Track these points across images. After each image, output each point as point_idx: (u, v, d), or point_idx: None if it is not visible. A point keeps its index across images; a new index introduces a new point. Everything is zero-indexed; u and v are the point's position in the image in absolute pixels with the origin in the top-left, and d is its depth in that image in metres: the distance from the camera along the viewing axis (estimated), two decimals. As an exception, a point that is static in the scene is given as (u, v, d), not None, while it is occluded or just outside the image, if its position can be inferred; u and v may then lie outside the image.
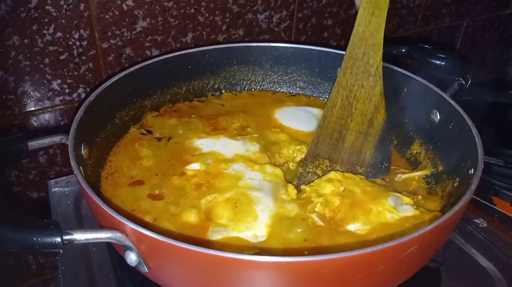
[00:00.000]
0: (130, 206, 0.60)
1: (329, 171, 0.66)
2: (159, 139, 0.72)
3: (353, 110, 0.68)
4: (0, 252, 0.85)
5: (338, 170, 0.67)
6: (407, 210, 0.59)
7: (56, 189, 0.78)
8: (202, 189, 0.61)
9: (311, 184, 0.63)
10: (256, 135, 0.73)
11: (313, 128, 0.76)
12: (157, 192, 0.62)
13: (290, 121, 0.78)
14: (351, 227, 0.57)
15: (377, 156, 0.69)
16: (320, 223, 0.58)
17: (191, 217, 0.57)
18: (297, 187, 0.64)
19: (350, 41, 0.67)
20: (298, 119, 0.78)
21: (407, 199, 0.61)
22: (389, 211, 0.58)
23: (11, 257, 0.86)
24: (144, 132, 0.74)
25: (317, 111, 0.80)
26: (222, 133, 0.72)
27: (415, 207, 0.60)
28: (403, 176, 0.69)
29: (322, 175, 0.65)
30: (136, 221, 0.45)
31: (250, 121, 0.77)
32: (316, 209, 0.59)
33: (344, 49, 0.80)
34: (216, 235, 0.55)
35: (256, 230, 0.56)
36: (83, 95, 0.80)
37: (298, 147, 0.71)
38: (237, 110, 0.80)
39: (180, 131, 0.73)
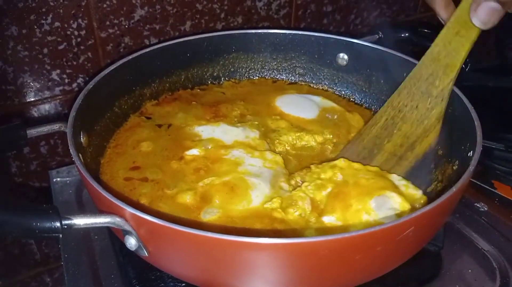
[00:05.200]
0: (127, 188, 0.60)
1: (339, 158, 0.63)
2: (159, 125, 0.72)
3: (394, 131, 0.63)
4: (5, 242, 0.86)
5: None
6: (391, 217, 0.53)
7: (57, 179, 0.78)
8: (200, 173, 0.62)
9: (319, 165, 0.62)
10: (256, 122, 0.73)
11: (314, 115, 0.75)
12: (154, 175, 0.62)
13: (290, 108, 0.77)
14: (326, 219, 0.55)
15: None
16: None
17: (187, 199, 0.58)
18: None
19: (419, 62, 0.63)
20: (299, 106, 0.78)
21: (403, 204, 0.54)
22: (366, 212, 0.54)
23: (16, 246, 0.87)
24: (144, 119, 0.74)
25: (319, 99, 0.80)
26: (222, 120, 0.72)
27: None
28: None
29: None
30: (135, 205, 0.45)
31: (250, 109, 0.77)
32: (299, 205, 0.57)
33: (344, 35, 0.81)
34: (207, 216, 0.56)
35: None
36: (82, 85, 0.81)
37: (298, 134, 0.71)
38: (238, 98, 0.80)
39: (180, 118, 0.73)
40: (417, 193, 0.58)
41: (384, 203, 0.55)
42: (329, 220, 0.55)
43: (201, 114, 0.74)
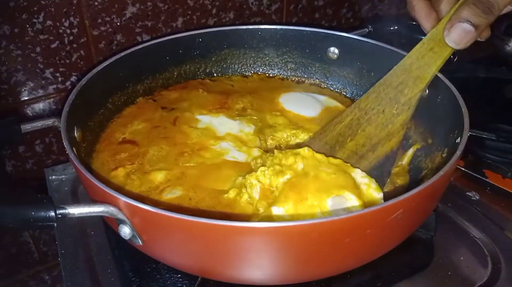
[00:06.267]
0: (115, 155, 0.64)
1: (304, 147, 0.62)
2: (163, 107, 0.74)
3: (358, 131, 0.64)
4: (2, 241, 0.86)
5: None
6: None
7: (53, 176, 0.79)
8: (184, 156, 0.64)
9: (283, 151, 0.61)
10: (255, 117, 0.73)
11: (315, 114, 0.75)
12: (143, 149, 0.65)
13: (292, 105, 0.77)
14: (275, 210, 0.53)
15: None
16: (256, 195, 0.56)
17: (158, 177, 0.61)
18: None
19: (391, 71, 0.65)
20: (301, 104, 0.78)
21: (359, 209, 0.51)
22: (320, 209, 0.52)
23: (14, 246, 0.87)
24: (151, 101, 0.77)
25: (324, 98, 0.80)
26: (223, 112, 0.73)
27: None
28: (403, 163, 0.68)
29: None
30: (128, 194, 0.46)
31: (255, 103, 0.78)
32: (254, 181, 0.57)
33: (335, 29, 0.82)
34: (169, 195, 0.58)
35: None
36: (76, 83, 0.80)
37: (294, 131, 0.71)
38: (245, 92, 0.81)
39: (185, 104, 0.75)
40: (377, 196, 0.56)
41: (340, 204, 0.53)
42: (277, 211, 0.53)
43: (206, 104, 0.75)
